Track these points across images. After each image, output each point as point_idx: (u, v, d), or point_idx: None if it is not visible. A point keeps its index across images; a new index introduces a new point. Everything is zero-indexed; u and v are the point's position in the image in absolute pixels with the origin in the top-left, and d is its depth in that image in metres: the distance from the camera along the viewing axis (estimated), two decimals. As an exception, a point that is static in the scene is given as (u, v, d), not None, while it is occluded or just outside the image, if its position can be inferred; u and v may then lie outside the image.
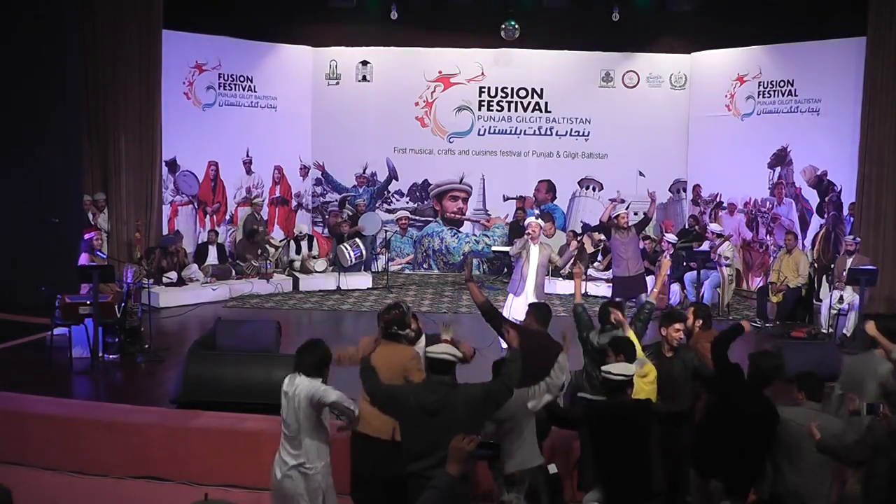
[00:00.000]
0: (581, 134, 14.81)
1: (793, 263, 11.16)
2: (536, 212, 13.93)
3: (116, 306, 8.88)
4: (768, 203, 13.39)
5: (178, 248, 12.35)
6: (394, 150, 14.86)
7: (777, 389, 5.25)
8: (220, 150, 13.70)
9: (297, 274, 13.30)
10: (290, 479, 4.72)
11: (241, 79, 13.89)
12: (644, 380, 5.27)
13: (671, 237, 12.62)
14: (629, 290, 10.17)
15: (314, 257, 13.60)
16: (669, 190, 14.71)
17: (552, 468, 4.75)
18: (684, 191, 14.64)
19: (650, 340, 6.18)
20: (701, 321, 6.16)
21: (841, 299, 10.09)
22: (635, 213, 12.94)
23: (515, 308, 8.54)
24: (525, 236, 9.19)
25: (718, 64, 14.07)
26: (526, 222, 9.83)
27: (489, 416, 4.66)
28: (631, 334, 5.70)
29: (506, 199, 14.93)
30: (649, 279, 10.64)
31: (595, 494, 5.23)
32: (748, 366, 5.17)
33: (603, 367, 4.95)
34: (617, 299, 9.91)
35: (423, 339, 5.48)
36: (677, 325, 5.66)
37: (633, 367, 4.94)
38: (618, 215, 10.39)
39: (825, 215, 12.66)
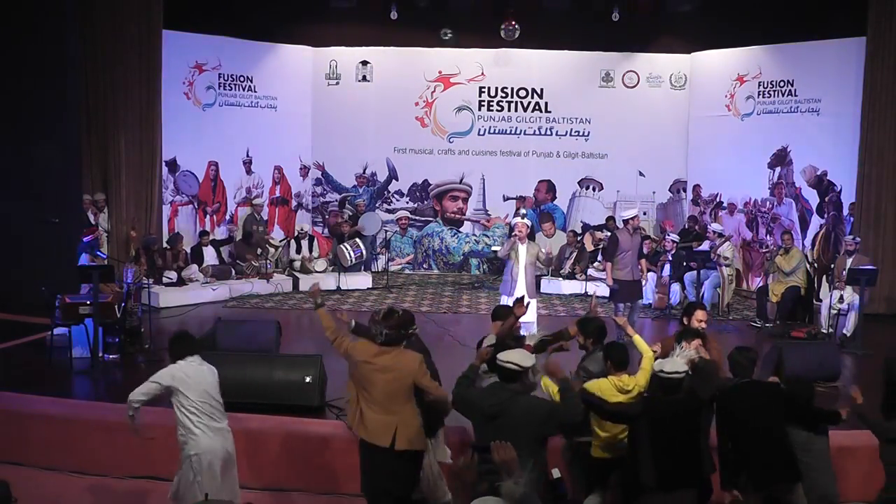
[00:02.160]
0: (581, 134, 14.81)
1: (790, 262, 11.16)
2: (523, 211, 13.85)
3: (116, 306, 8.87)
4: (768, 203, 13.40)
5: (179, 249, 12.36)
6: (394, 150, 14.86)
7: None
8: (220, 150, 13.71)
9: (297, 274, 13.30)
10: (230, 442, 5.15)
11: (241, 79, 13.90)
12: (626, 395, 5.23)
13: (674, 237, 12.61)
14: (629, 294, 9.98)
15: (314, 257, 13.60)
16: (669, 190, 14.71)
17: (556, 472, 4.76)
18: (684, 191, 14.64)
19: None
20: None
21: (841, 299, 10.08)
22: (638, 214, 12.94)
23: None
24: (513, 237, 9.21)
25: (718, 64, 14.07)
26: (513, 222, 9.83)
27: (550, 434, 4.67)
28: (639, 341, 5.68)
29: (506, 199, 14.93)
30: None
31: (595, 499, 5.24)
32: (729, 364, 5.38)
33: (656, 368, 4.98)
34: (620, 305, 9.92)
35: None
36: (698, 341, 5.61)
37: (684, 364, 5.01)
38: (633, 217, 10.01)
39: (825, 215, 12.67)
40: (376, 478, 5.00)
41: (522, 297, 6.32)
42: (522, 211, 13.86)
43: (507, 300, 9.01)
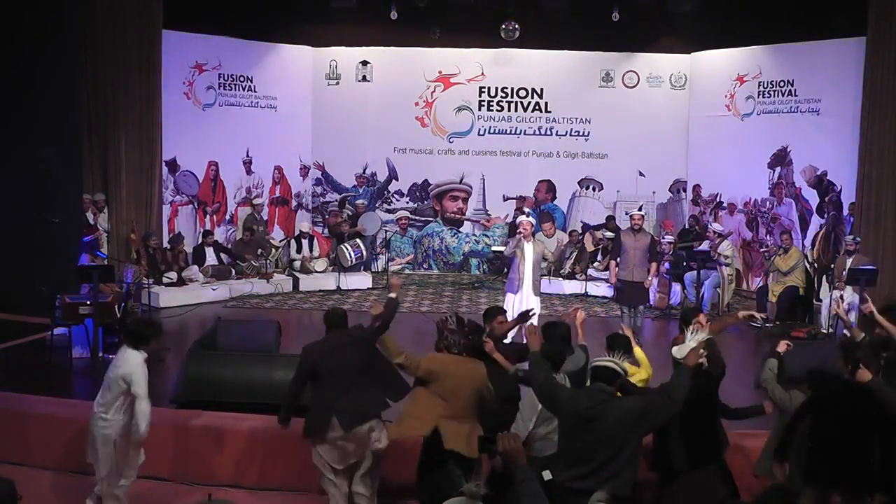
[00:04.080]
0: (581, 134, 14.81)
1: (787, 262, 11.15)
2: (528, 210, 13.88)
3: (116, 306, 8.89)
4: (768, 203, 13.39)
5: (179, 250, 12.36)
6: (394, 150, 14.86)
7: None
8: (220, 150, 13.71)
9: (297, 274, 13.30)
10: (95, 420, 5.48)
11: (241, 79, 13.90)
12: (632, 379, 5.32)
13: (669, 238, 12.63)
14: (630, 296, 9.87)
15: (314, 257, 13.60)
16: (669, 190, 14.71)
17: (546, 475, 4.78)
18: (684, 191, 14.64)
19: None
20: None
21: (841, 299, 10.07)
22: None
23: (516, 307, 8.62)
24: (517, 235, 9.22)
25: (718, 64, 14.07)
26: (518, 220, 9.80)
27: (650, 430, 4.62)
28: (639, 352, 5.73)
29: (506, 199, 14.93)
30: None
31: (602, 494, 5.25)
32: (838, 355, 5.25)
33: (676, 355, 4.99)
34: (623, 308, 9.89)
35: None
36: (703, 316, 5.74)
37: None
38: (631, 215, 9.99)
39: (825, 215, 12.66)
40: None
41: (527, 312, 6.33)
42: (527, 209, 13.86)
43: (511, 297, 9.09)
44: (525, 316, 6.18)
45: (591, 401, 4.35)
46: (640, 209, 10.42)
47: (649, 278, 9.84)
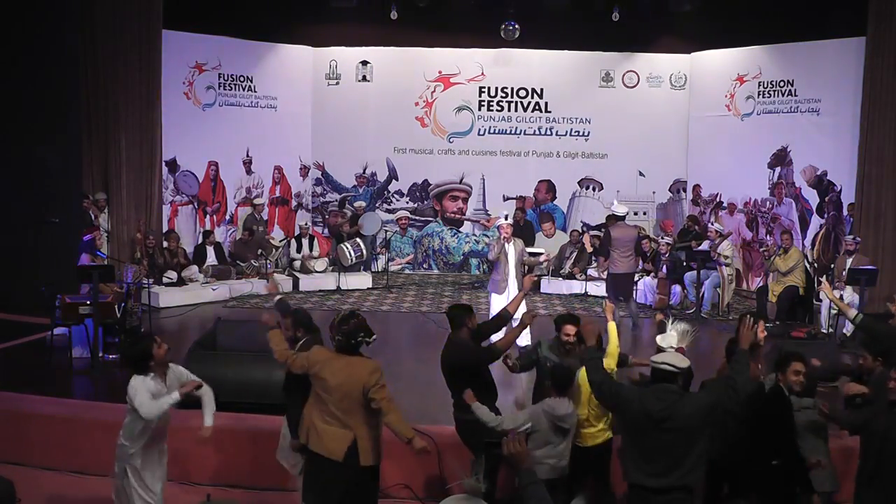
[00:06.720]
0: (581, 134, 14.81)
1: (787, 262, 11.17)
2: (505, 212, 13.81)
3: (116, 306, 8.88)
4: (768, 203, 13.39)
5: (176, 247, 12.35)
6: (394, 150, 14.86)
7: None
8: (220, 150, 13.71)
9: (297, 274, 13.31)
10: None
11: (241, 79, 13.89)
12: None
13: (668, 240, 12.64)
14: (616, 288, 10.43)
15: (314, 257, 13.60)
16: (669, 190, 14.71)
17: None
18: (684, 191, 14.64)
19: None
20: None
21: (841, 299, 10.07)
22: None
23: (500, 307, 8.64)
24: (500, 239, 9.36)
25: (718, 64, 14.07)
26: (497, 224, 9.98)
27: (716, 423, 4.58)
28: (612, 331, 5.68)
29: (506, 199, 14.92)
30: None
31: (581, 501, 5.30)
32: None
33: (659, 342, 5.05)
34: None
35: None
36: (797, 367, 5.14)
37: (677, 340, 5.09)
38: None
39: (825, 215, 12.67)
40: (326, 495, 4.77)
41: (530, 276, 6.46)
42: (505, 212, 13.84)
43: (496, 298, 9.18)
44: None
45: (661, 402, 4.33)
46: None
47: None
